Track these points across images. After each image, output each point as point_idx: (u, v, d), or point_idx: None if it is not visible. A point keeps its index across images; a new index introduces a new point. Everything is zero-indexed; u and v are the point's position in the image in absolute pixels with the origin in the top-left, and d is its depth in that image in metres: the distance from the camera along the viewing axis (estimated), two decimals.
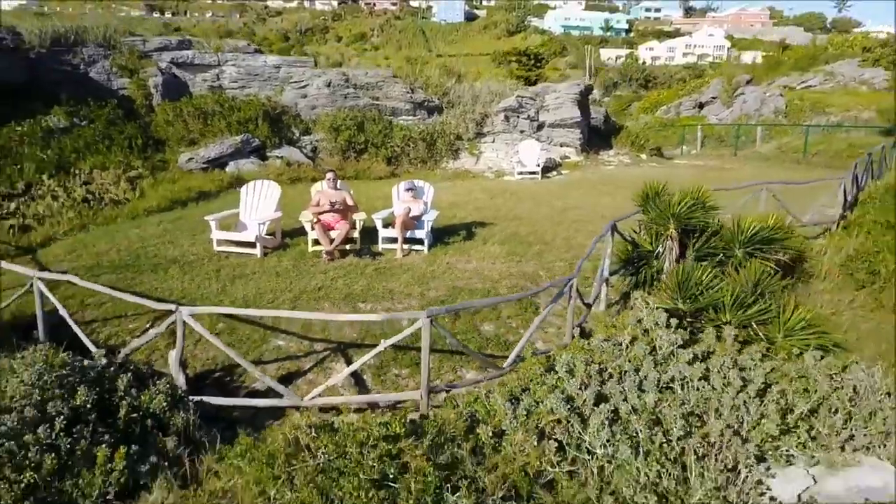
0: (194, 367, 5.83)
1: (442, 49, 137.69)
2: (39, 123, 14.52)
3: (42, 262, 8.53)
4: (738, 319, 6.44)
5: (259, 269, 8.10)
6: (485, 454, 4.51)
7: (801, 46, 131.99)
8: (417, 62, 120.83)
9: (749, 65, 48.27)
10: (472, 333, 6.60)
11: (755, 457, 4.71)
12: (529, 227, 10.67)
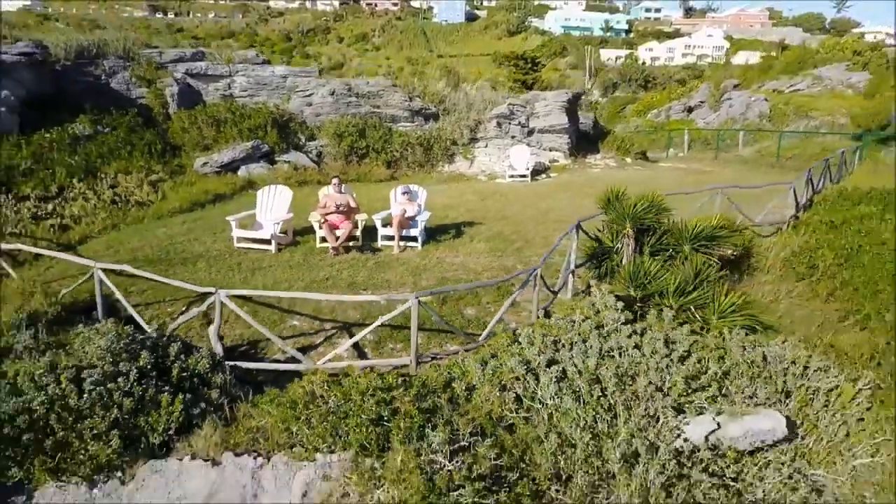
0: (225, 343, 7.11)
1: (443, 49, 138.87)
2: (67, 131, 15.81)
3: (85, 257, 9.81)
4: (678, 304, 7.72)
5: (274, 262, 9.39)
6: (459, 403, 5.80)
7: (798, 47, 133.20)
8: (418, 63, 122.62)
9: (743, 66, 49.31)
10: (456, 316, 7.88)
11: (673, 408, 6.00)
12: (514, 226, 11.94)
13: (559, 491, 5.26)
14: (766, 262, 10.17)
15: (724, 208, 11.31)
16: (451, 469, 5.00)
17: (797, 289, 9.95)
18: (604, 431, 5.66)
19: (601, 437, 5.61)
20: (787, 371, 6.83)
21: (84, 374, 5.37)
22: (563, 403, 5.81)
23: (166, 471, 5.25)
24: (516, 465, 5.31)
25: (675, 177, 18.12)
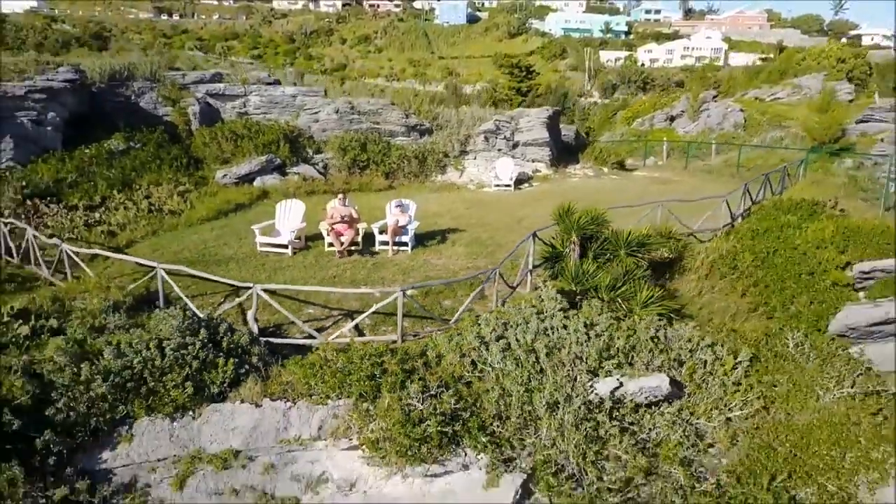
0: (259, 325, 9.34)
1: (444, 51, 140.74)
2: (103, 147, 18.06)
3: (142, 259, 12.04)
4: (609, 296, 9.93)
5: (291, 263, 11.63)
6: (430, 366, 8.04)
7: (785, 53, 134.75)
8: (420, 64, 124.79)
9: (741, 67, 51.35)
10: (436, 306, 10.11)
11: (588, 372, 8.24)
12: (490, 232, 14.15)
13: (499, 426, 7.52)
14: (695, 263, 12.37)
15: (672, 218, 13.53)
16: (421, 409, 7.26)
17: (719, 286, 12.16)
18: (535, 387, 7.91)
19: (532, 391, 7.85)
20: (683, 346, 9.07)
21: (164, 344, 7.61)
22: (506, 367, 8.06)
23: (223, 411, 7.50)
24: (470, 408, 7.58)
25: (640, 186, 20.32)
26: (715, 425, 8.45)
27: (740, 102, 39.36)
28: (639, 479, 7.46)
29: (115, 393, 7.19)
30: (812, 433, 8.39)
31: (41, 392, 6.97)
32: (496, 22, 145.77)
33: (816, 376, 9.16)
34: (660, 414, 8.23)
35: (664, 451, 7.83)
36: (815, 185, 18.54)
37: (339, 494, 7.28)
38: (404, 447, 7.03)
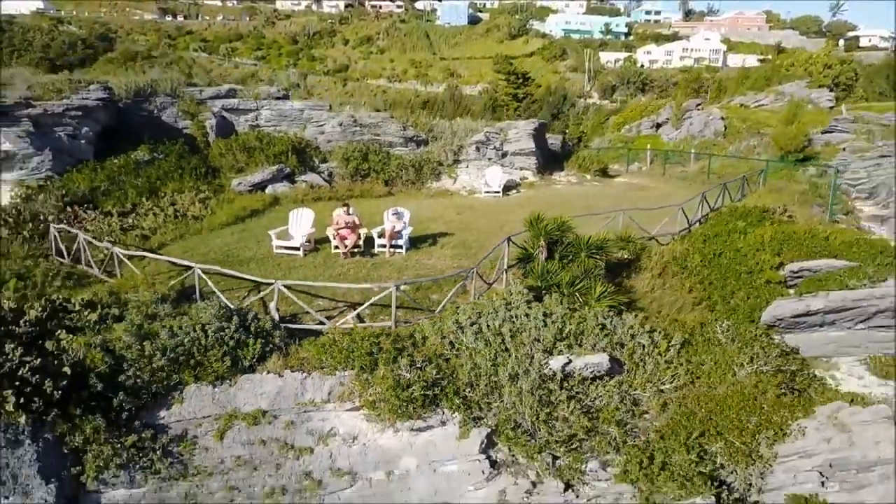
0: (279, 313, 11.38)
1: (446, 52, 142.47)
2: (130, 158, 20.10)
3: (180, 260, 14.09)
4: (569, 291, 11.95)
5: (303, 263, 13.67)
6: (417, 345, 10.10)
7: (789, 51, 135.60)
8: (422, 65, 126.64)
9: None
10: (425, 299, 12.13)
11: (544, 351, 10.28)
12: (476, 236, 16.14)
13: (470, 392, 9.58)
14: (650, 263, 14.39)
15: (636, 223, 15.54)
16: (409, 377, 9.31)
17: (670, 283, 14.19)
18: (500, 362, 9.96)
19: (497, 365, 9.90)
20: (625, 332, 11.11)
21: (206, 328, 9.67)
22: (477, 346, 10.11)
23: (253, 379, 9.57)
24: (447, 378, 9.64)
25: (617, 192, 22.30)
26: (648, 395, 10.50)
27: (726, 109, 41.31)
28: (581, 434, 9.52)
29: (170, 365, 9.26)
30: (726, 401, 10.45)
31: (115, 364, 9.04)
32: (497, 23, 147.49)
33: (735, 357, 11.20)
34: (602, 386, 10.29)
35: (604, 414, 9.89)
36: (774, 193, 20.48)
37: (344, 445, 9.36)
38: (395, 407, 9.09)
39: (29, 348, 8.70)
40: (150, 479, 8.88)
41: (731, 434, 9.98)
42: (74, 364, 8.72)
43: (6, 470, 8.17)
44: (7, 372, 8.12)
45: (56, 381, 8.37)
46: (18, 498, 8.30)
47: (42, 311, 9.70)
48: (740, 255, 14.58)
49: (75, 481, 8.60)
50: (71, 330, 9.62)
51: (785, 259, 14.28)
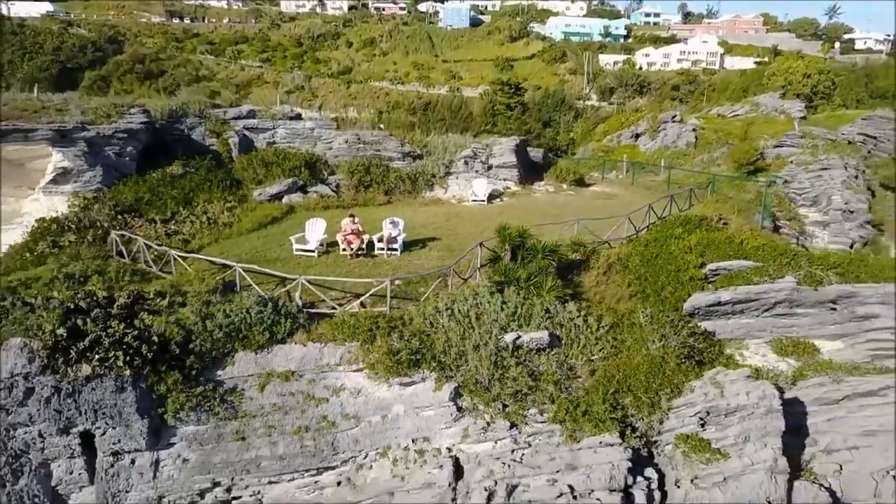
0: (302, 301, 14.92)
1: (448, 55, 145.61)
2: (166, 172, 23.62)
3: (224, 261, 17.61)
4: (526, 285, 15.46)
5: (317, 262, 17.19)
6: (405, 324, 13.66)
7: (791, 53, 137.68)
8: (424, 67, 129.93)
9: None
10: (413, 290, 15.65)
11: (500, 328, 13.83)
12: (460, 241, 19.58)
13: (444, 357, 13.12)
14: (598, 263, 17.88)
15: (580, 231, 19.02)
16: (399, 347, 12.86)
17: (613, 279, 17.69)
18: (466, 336, 13.48)
19: (465, 339, 13.42)
20: (565, 316, 14.62)
21: (249, 310, 13.21)
22: (450, 325, 13.64)
23: (284, 349, 13.12)
24: (427, 347, 13.18)
25: (586, 201, 25.75)
26: (580, 363, 14.02)
27: (704, 118, 44.77)
28: (525, 390, 13.04)
29: (224, 337, 12.81)
30: (638, 368, 13.97)
31: (186, 336, 12.59)
32: (498, 25, 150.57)
33: (649, 335, 14.70)
34: (545, 355, 13.80)
35: (544, 376, 13.41)
36: (721, 202, 23.86)
37: (351, 396, 12.90)
38: (389, 368, 12.62)
39: (124, 324, 12.25)
40: (211, 418, 12.43)
41: (639, 391, 13.49)
42: (159, 336, 12.27)
43: (115, 408, 11.74)
44: (116, 340, 11.67)
45: (148, 346, 11.92)
46: (122, 428, 11.88)
47: (128, 299, 13.24)
48: (672, 257, 18.06)
49: (160, 418, 12.17)
50: (149, 312, 13.16)
51: (706, 260, 17.75)
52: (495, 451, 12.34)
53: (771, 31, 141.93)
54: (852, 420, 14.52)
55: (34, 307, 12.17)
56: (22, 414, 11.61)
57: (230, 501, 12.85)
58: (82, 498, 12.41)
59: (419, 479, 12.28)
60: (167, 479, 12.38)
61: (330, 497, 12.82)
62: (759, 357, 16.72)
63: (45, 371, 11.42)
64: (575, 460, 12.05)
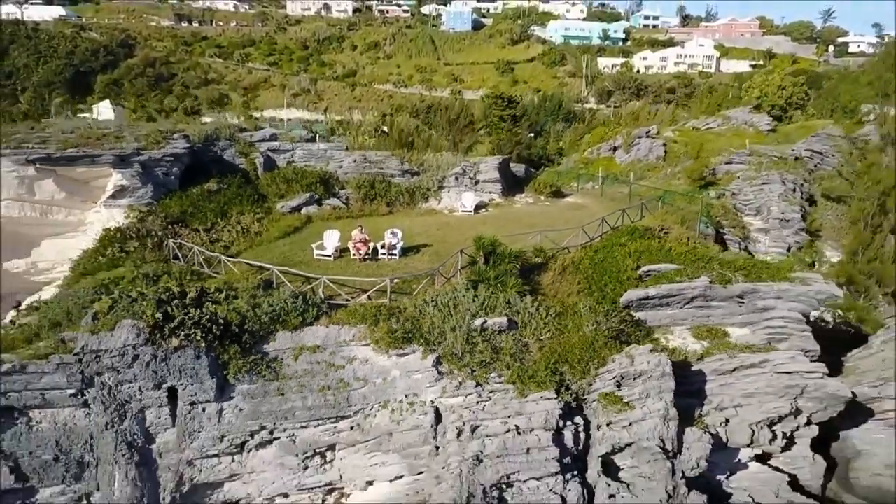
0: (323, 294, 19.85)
1: (450, 58, 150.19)
2: (204, 188, 28.56)
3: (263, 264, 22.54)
4: (493, 283, 20.37)
5: (333, 265, 22.12)
6: (401, 312, 18.61)
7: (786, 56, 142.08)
8: (427, 70, 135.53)
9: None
10: (408, 287, 20.57)
11: (472, 315, 18.79)
12: (447, 247, 24.42)
13: (429, 336, 18.09)
14: (555, 266, 22.74)
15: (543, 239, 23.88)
16: (396, 328, 17.85)
17: (566, 279, 22.56)
18: (446, 321, 18.44)
19: (445, 322, 18.37)
20: (522, 306, 19.55)
21: (286, 301, 18.16)
22: (434, 313, 18.59)
23: (313, 329, 18.10)
24: (417, 328, 18.16)
25: (558, 211, 30.52)
26: (532, 341, 18.91)
27: (679, 131, 49.49)
28: (488, 360, 17.94)
29: (269, 321, 17.77)
30: (575, 345, 18.85)
31: (241, 320, 17.53)
32: (499, 29, 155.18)
33: (587, 321, 19.57)
34: (505, 335, 18.68)
35: (503, 350, 18.31)
36: (670, 213, 28.62)
37: (361, 364, 17.85)
38: (388, 343, 17.54)
39: (198, 311, 17.18)
40: (259, 379, 17.35)
41: (574, 362, 18.37)
42: (223, 319, 17.21)
43: (193, 370, 16.69)
44: (195, 322, 16.60)
45: (216, 327, 16.86)
46: (197, 385, 16.82)
47: (196, 293, 18.17)
48: (615, 261, 22.92)
49: (223, 379, 17.11)
50: (213, 302, 18.09)
51: (641, 263, 22.60)
52: (465, 402, 17.25)
53: (767, 35, 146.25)
54: (738, 385, 19.45)
55: (136, 298, 17.13)
56: (128, 374, 16.57)
57: (272, 440, 17.79)
58: (166, 437, 17.37)
59: (410, 423, 17.22)
60: (227, 423, 17.33)
61: (344, 437, 17.77)
62: (681, 340, 21.61)
63: (147, 343, 16.37)
64: (521, 409, 16.96)
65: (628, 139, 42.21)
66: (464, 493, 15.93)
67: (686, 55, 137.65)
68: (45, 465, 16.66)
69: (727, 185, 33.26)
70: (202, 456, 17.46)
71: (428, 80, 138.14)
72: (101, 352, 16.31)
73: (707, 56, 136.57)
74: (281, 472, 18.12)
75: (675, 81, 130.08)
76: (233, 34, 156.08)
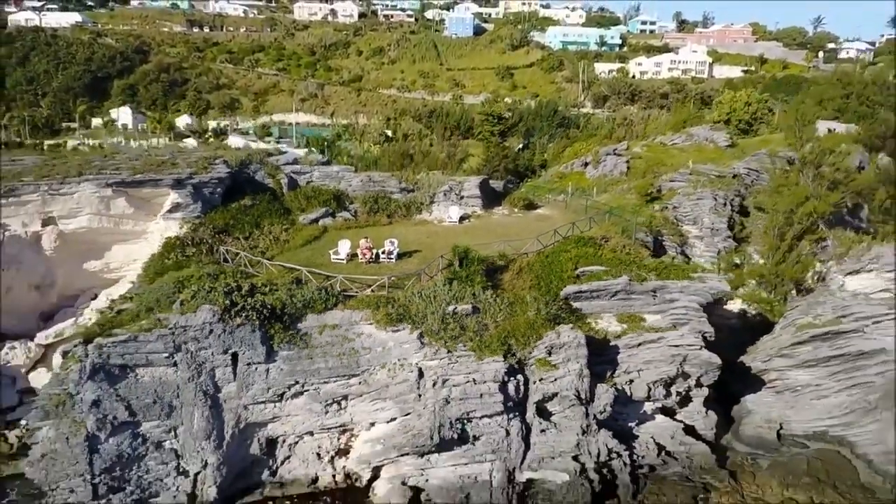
0: None
1: (452, 63, 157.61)
2: (241, 203, 36.27)
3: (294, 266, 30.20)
4: (465, 280, 28.01)
5: (345, 267, 29.74)
6: (395, 301, 26.33)
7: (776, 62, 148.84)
8: (429, 76, 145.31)
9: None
10: (402, 283, 28.24)
11: (447, 303, 26.54)
12: (433, 252, 31.98)
13: (416, 317, 25.86)
14: (514, 267, 30.32)
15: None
16: (391, 312, 25.63)
17: (522, 277, 30.16)
18: (427, 306, 26.17)
19: (426, 308, 26.09)
20: (483, 297, 27.29)
21: (314, 292, 25.86)
22: (419, 301, 26.30)
23: (332, 313, 25.90)
24: (406, 312, 25.91)
25: (526, 222, 38.01)
26: (490, 322, 26.58)
27: (648, 146, 56.90)
28: (457, 334, 25.63)
29: (301, 307, 25.50)
30: (521, 324, 26.52)
31: (282, 306, 25.23)
32: (500, 34, 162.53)
33: (531, 308, 27.18)
34: (470, 318, 26.33)
35: (468, 328, 26.00)
36: (613, 226, 36.09)
37: (367, 338, 25.60)
38: (386, 323, 25.28)
39: (252, 299, 24.83)
40: (295, 348, 25.04)
41: (519, 336, 25.97)
42: (269, 305, 24.89)
43: (250, 341, 24.39)
44: (251, 307, 24.30)
45: (266, 311, 24.54)
46: (252, 351, 24.54)
47: (249, 286, 25.84)
48: (560, 263, 30.49)
49: (270, 347, 24.82)
50: (261, 294, 25.75)
51: (579, 265, 30.15)
52: (439, 364, 24.88)
53: (759, 41, 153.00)
54: (641, 355, 27.06)
55: (210, 290, 24.82)
56: (205, 343, 24.27)
57: (303, 392, 25.46)
58: (229, 388, 25.07)
59: (401, 378, 24.90)
60: (272, 378, 25.01)
61: (354, 390, 25.45)
62: (607, 323, 29.20)
63: (219, 321, 24.06)
64: (478, 368, 24.60)
65: (597, 157, 49.66)
66: (436, 424, 23.63)
67: (680, 61, 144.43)
68: (147, 406, 24.42)
69: (669, 200, 40.69)
70: (254, 402, 25.20)
71: (430, 84, 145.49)
72: (188, 327, 24.04)
73: (700, 62, 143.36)
74: (308, 415, 25.86)
75: (668, 87, 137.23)
76: (243, 40, 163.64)
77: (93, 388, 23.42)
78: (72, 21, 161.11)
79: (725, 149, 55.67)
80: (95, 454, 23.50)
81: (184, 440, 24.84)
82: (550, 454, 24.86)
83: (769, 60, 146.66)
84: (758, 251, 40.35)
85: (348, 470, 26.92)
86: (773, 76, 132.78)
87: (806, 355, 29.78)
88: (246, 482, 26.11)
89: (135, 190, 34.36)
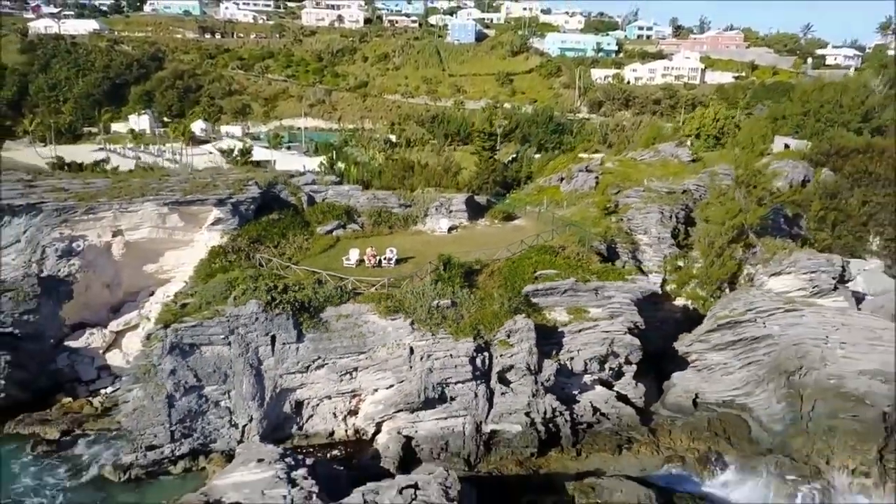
0: None
1: (454, 69, 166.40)
2: (269, 218, 45.44)
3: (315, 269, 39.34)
4: (447, 280, 37.10)
5: (355, 270, 38.81)
6: (393, 297, 35.46)
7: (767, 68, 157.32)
8: (432, 81, 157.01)
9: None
10: (399, 283, 37.33)
11: (433, 298, 35.71)
12: (426, 257, 40.91)
13: (408, 308, 35.06)
14: (488, 270, 39.32)
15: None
16: (389, 304, 34.87)
17: (493, 279, 39.18)
18: (417, 301, 35.32)
19: (417, 302, 35.24)
20: (462, 295, 36.47)
21: (333, 289, 35.00)
22: (412, 297, 35.42)
23: (346, 306, 35.15)
24: (401, 305, 35.10)
25: (503, 232, 46.85)
26: (465, 312, 35.67)
27: (620, 161, 65.70)
28: (439, 322, 34.76)
29: (323, 301, 34.67)
30: (489, 314, 35.65)
31: (309, 300, 34.36)
32: (501, 40, 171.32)
33: (497, 300, 36.23)
34: (450, 309, 35.40)
35: (448, 317, 35.12)
36: (572, 236, 44.94)
37: (372, 324, 34.78)
38: (385, 312, 34.39)
39: (286, 294, 33.93)
40: (318, 332, 34.18)
41: (488, 322, 35.01)
42: (300, 300, 33.99)
43: (285, 326, 33.53)
44: (286, 300, 33.43)
45: (298, 304, 33.67)
46: (287, 333, 33.70)
47: (283, 286, 34.94)
48: (522, 267, 39.45)
49: (300, 331, 33.95)
50: (292, 291, 34.84)
51: (537, 269, 39.11)
52: (425, 344, 33.92)
53: (751, 47, 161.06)
54: (580, 338, 36.09)
55: (255, 288, 33.93)
56: (252, 328, 33.42)
57: (323, 365, 34.56)
58: (269, 362, 34.20)
59: (397, 354, 34.01)
60: (301, 355, 34.13)
61: (362, 364, 34.55)
62: (558, 315, 38.19)
63: (263, 312, 33.17)
64: (454, 346, 33.63)
65: (569, 173, 58.55)
66: (423, 388, 32.72)
67: (673, 67, 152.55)
68: (209, 374, 33.62)
69: (624, 213, 49.52)
70: (287, 373, 34.35)
71: (433, 90, 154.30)
72: (239, 316, 33.20)
73: (693, 68, 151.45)
74: (327, 383, 35.03)
75: (661, 93, 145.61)
76: (253, 46, 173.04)
77: (171, 360, 32.62)
78: (89, 28, 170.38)
79: (688, 164, 64.40)
80: (172, 409, 32.75)
81: (235, 400, 34.00)
82: (508, 411, 33.89)
83: (760, 67, 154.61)
84: (698, 256, 49.21)
85: (357, 426, 36.07)
86: (763, 82, 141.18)
87: (716, 340, 38.79)
88: (280, 434, 35.27)
89: (185, 207, 43.55)
